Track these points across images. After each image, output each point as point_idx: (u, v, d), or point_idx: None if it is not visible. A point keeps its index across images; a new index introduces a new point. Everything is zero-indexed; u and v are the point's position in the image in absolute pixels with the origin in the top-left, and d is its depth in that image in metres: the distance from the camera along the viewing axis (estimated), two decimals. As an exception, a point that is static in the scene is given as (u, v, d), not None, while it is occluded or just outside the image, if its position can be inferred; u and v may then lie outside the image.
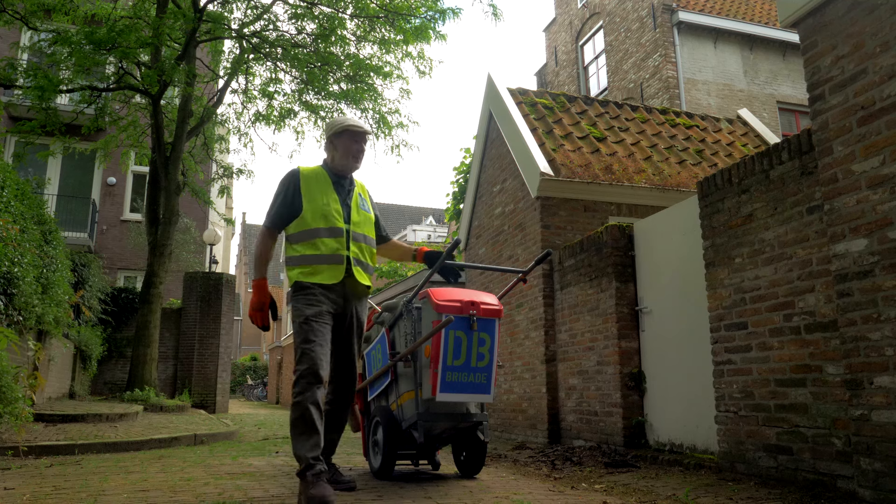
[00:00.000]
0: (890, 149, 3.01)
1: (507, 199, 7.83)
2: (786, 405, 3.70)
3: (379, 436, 4.09)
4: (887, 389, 2.94)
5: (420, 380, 3.86)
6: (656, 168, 7.54)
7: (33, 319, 6.85)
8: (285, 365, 27.69)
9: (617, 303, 5.60)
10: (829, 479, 3.39)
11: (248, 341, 57.46)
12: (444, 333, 3.63)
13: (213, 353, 13.95)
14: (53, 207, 15.54)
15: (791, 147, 3.78)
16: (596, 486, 3.86)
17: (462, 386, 3.66)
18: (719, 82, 13.62)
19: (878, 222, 3.04)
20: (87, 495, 3.31)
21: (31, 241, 6.66)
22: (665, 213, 5.45)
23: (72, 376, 10.48)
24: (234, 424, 9.05)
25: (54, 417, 6.82)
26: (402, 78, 12.68)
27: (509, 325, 7.52)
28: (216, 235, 16.50)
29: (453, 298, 3.74)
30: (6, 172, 6.38)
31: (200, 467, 4.53)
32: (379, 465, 4.03)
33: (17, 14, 10.91)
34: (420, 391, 3.83)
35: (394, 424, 3.98)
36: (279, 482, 3.87)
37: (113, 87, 11.91)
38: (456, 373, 3.66)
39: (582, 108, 8.64)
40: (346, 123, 3.58)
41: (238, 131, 14.22)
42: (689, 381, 4.87)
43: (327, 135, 3.63)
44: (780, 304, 3.78)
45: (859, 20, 3.21)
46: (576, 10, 17.31)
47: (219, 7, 12.29)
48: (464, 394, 3.67)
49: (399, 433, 3.98)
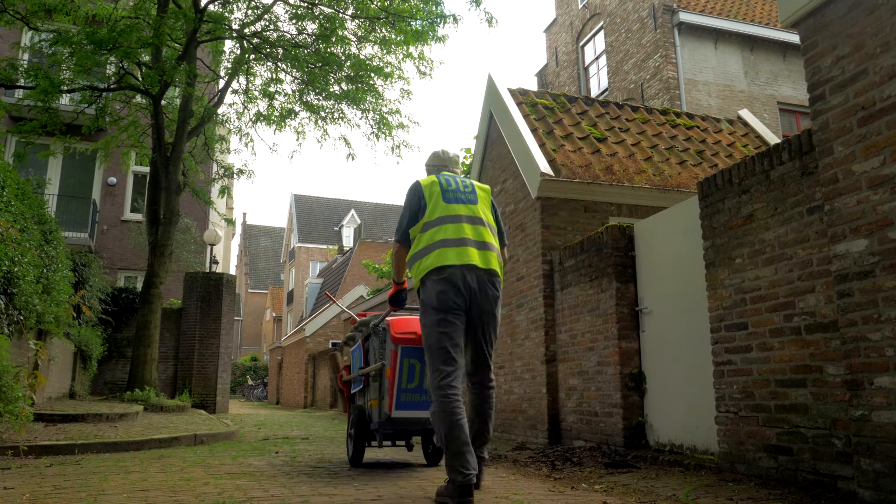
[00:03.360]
0: (890, 149, 3.01)
1: (508, 199, 7.83)
2: (786, 405, 3.70)
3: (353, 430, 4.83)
4: (887, 390, 2.94)
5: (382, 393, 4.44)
6: (657, 168, 7.54)
7: (34, 319, 6.85)
8: (286, 365, 27.69)
9: (617, 303, 5.60)
10: (829, 479, 3.39)
11: (249, 341, 57.45)
12: (399, 360, 4.25)
13: (214, 354, 13.95)
14: (54, 207, 15.54)
15: (791, 147, 3.78)
16: (596, 487, 3.86)
17: (415, 405, 4.36)
18: (720, 83, 13.62)
19: (879, 222, 3.04)
20: (86, 495, 3.31)
21: (31, 240, 6.66)
22: (665, 214, 5.45)
23: (72, 376, 10.48)
24: (234, 425, 9.05)
25: (54, 417, 6.82)
26: (403, 78, 12.68)
27: (509, 326, 7.52)
28: (216, 236, 16.50)
29: (409, 331, 4.27)
30: (7, 172, 6.38)
31: (200, 467, 4.53)
32: (351, 454, 4.82)
33: (17, 14, 10.92)
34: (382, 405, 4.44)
35: (364, 423, 4.69)
36: (279, 482, 3.87)
37: (114, 87, 11.91)
38: (409, 394, 4.35)
39: (582, 109, 8.64)
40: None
41: (239, 131, 14.23)
42: (689, 381, 4.87)
43: None
44: (781, 305, 3.78)
45: (860, 20, 3.21)
46: (576, 10, 17.32)
47: (219, 7, 12.29)
48: (416, 411, 4.36)
49: (368, 431, 4.70)
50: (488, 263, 3.54)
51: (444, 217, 3.59)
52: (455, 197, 3.68)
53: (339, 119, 13.16)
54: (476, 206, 3.70)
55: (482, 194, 3.80)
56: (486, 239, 3.61)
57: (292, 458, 5.28)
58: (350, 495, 3.44)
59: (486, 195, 3.84)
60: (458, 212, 3.62)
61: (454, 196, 3.68)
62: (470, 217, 3.64)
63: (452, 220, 3.58)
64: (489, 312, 3.53)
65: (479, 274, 3.48)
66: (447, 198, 3.66)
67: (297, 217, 49.23)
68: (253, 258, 60.52)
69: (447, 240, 3.51)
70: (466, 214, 3.64)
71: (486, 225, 3.68)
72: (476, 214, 3.67)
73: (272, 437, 7.67)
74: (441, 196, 3.66)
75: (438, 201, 3.64)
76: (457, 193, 3.70)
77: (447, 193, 3.68)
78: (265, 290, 57.43)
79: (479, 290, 3.47)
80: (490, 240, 3.64)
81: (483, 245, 3.57)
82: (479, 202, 3.73)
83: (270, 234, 63.01)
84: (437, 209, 3.62)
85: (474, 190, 3.79)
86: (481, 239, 3.59)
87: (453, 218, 3.59)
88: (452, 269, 3.42)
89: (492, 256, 3.58)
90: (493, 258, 3.58)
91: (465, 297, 3.43)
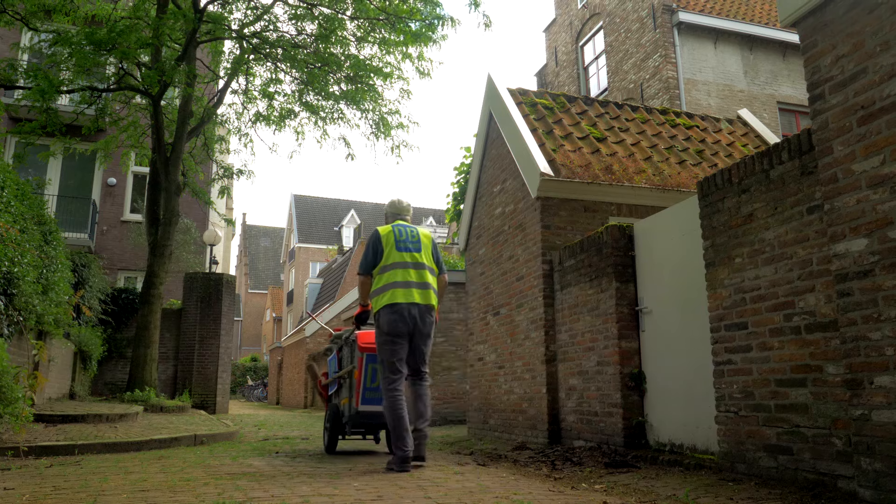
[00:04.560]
0: (890, 148, 3.01)
1: (508, 199, 7.83)
2: (786, 405, 3.70)
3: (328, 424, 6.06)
4: (887, 389, 2.94)
5: (351, 393, 5.53)
6: (656, 168, 7.54)
7: (33, 320, 6.85)
8: (286, 366, 27.69)
9: (617, 303, 5.60)
10: (829, 479, 3.39)
11: (249, 342, 57.44)
12: (364, 365, 5.35)
13: (214, 354, 13.96)
14: (54, 208, 15.54)
15: (791, 147, 3.78)
16: (596, 487, 3.86)
17: (376, 400, 5.30)
18: (719, 83, 13.62)
19: (879, 222, 3.04)
20: (86, 495, 3.31)
21: (31, 241, 6.66)
22: (665, 214, 5.45)
23: (72, 377, 10.48)
24: (234, 425, 9.04)
25: (54, 418, 6.82)
26: (403, 79, 12.68)
27: (509, 326, 7.52)
28: (216, 236, 16.50)
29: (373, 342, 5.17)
30: (6, 173, 6.38)
31: (200, 468, 4.53)
32: (326, 444, 6.06)
33: (17, 15, 10.91)
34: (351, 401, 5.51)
35: (337, 418, 5.87)
36: (279, 482, 3.87)
37: (113, 87, 11.91)
38: (372, 392, 5.36)
39: (582, 109, 8.64)
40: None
41: (238, 132, 14.23)
42: (689, 381, 4.87)
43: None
44: (781, 304, 3.78)
45: (859, 19, 3.21)
46: (576, 10, 17.32)
47: (219, 7, 12.29)
48: (377, 406, 5.26)
49: (341, 424, 5.84)
50: (427, 300, 4.81)
51: (395, 263, 4.82)
52: (405, 246, 4.89)
53: (339, 119, 13.18)
54: (420, 253, 4.91)
55: (425, 241, 5.01)
56: (426, 280, 4.86)
57: (292, 459, 5.28)
58: (350, 496, 3.44)
59: (428, 241, 5.04)
60: (405, 259, 4.84)
61: (404, 245, 4.88)
62: (415, 264, 4.85)
63: (401, 266, 4.82)
64: (426, 334, 4.84)
65: (420, 308, 4.76)
66: (399, 247, 4.86)
67: (296, 217, 49.23)
68: (253, 258, 60.53)
69: (397, 282, 4.76)
70: (412, 262, 4.85)
71: (427, 268, 4.90)
72: (419, 261, 4.88)
73: (272, 438, 7.67)
74: (395, 246, 4.86)
75: (392, 250, 4.85)
76: (406, 243, 4.91)
77: (399, 243, 4.88)
78: (265, 290, 57.43)
79: (420, 319, 4.76)
80: (429, 280, 4.87)
81: (423, 286, 4.83)
82: (422, 249, 4.94)
83: (270, 235, 63.01)
84: (391, 256, 4.83)
85: (419, 238, 4.99)
86: (422, 280, 4.84)
87: (402, 265, 4.82)
88: (401, 305, 4.69)
89: (430, 294, 4.84)
90: (430, 295, 4.84)
91: (409, 325, 4.71)
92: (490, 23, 11.21)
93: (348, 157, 16.16)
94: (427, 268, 4.91)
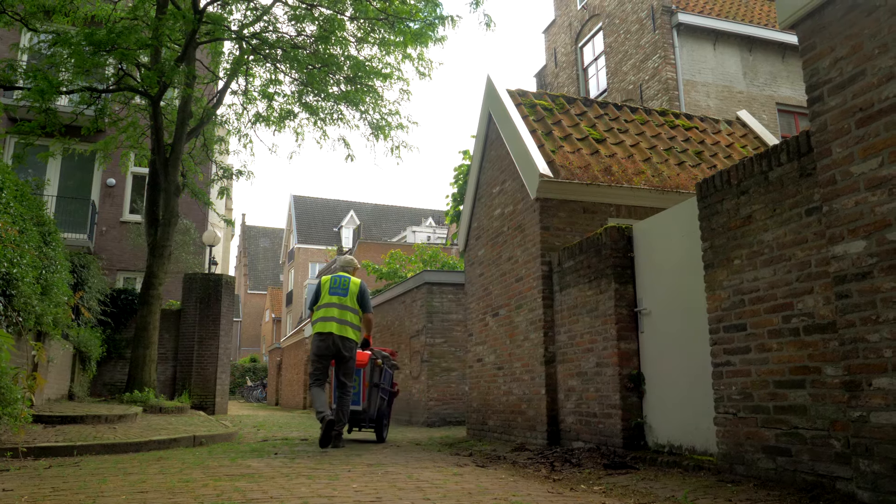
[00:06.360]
0: (888, 150, 3.01)
1: (507, 200, 7.83)
2: (785, 406, 3.70)
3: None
4: (886, 391, 2.94)
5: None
6: (655, 169, 7.54)
7: (32, 320, 6.85)
8: (285, 366, 27.68)
9: (616, 304, 5.60)
10: (827, 480, 3.39)
11: (248, 343, 57.42)
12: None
13: (213, 355, 13.94)
14: (53, 208, 15.53)
15: (790, 149, 3.78)
16: (595, 488, 3.86)
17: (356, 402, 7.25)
18: (718, 84, 13.63)
19: (877, 224, 3.04)
20: (85, 497, 3.31)
21: (30, 242, 6.66)
22: (664, 215, 5.45)
23: (71, 377, 10.47)
24: (233, 426, 9.04)
25: (53, 419, 6.82)
26: (402, 79, 12.69)
27: (508, 327, 7.52)
28: (216, 237, 16.50)
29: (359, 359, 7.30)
30: (5, 174, 6.37)
31: (199, 469, 4.53)
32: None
33: (16, 15, 10.91)
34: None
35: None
36: (278, 483, 3.87)
37: (113, 88, 11.90)
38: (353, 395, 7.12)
39: (581, 110, 8.65)
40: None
41: (238, 132, 14.22)
42: (688, 382, 4.87)
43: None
44: (779, 306, 3.78)
45: (858, 22, 3.22)
46: (575, 11, 17.33)
47: (218, 8, 12.29)
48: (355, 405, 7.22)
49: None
50: (343, 333, 6.70)
51: (326, 304, 6.81)
52: (334, 291, 6.86)
53: (339, 120, 13.18)
54: (346, 297, 6.83)
55: (353, 289, 6.91)
56: (346, 318, 6.75)
57: (291, 460, 5.28)
58: (349, 497, 3.44)
59: (356, 288, 6.92)
60: (332, 301, 6.80)
61: (334, 290, 6.86)
62: (339, 305, 6.79)
63: (328, 307, 6.78)
64: (347, 357, 6.75)
65: (334, 337, 6.67)
66: (330, 291, 6.86)
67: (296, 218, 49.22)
68: (252, 259, 60.51)
69: (325, 317, 6.75)
70: (337, 303, 6.79)
71: (349, 308, 6.80)
72: (343, 303, 6.80)
73: (271, 439, 7.67)
74: (328, 290, 6.88)
75: (325, 293, 6.88)
76: (336, 289, 6.87)
77: (331, 289, 6.88)
78: (264, 291, 57.41)
79: (340, 346, 6.69)
80: (349, 318, 6.77)
81: (342, 321, 6.73)
82: (348, 294, 6.85)
83: (270, 235, 62.99)
84: (324, 298, 6.87)
85: (347, 286, 6.91)
86: (343, 318, 6.75)
87: (328, 305, 6.79)
88: (324, 334, 6.70)
89: (347, 328, 6.73)
90: (348, 329, 6.73)
91: (332, 349, 6.68)
92: (491, 22, 11.21)
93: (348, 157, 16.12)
94: (349, 308, 6.78)
